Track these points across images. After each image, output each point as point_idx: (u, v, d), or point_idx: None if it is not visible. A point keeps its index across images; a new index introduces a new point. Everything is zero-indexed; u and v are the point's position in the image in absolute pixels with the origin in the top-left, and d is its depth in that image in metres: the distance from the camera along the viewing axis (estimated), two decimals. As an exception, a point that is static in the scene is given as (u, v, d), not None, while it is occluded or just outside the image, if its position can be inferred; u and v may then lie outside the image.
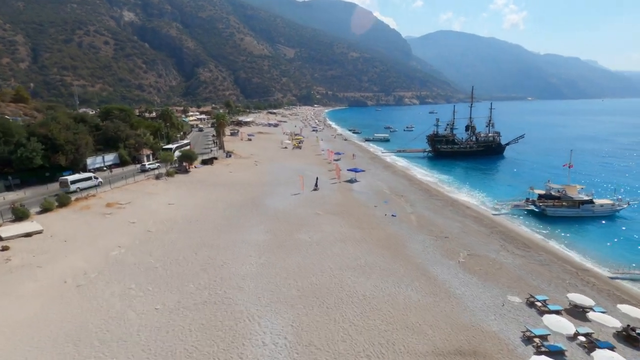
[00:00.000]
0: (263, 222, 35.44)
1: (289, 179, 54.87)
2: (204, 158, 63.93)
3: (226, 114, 77.12)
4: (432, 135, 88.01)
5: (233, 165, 65.00)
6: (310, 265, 26.74)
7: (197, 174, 56.35)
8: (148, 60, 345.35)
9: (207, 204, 40.93)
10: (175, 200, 41.67)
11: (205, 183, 51.04)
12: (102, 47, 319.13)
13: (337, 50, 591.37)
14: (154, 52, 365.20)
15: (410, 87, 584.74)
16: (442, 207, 44.40)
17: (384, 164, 74.98)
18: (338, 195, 47.78)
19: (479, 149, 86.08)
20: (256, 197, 44.71)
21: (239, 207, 40.22)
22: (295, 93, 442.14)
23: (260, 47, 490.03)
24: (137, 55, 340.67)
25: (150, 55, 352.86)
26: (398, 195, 48.99)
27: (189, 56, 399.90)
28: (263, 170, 61.69)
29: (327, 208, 41.38)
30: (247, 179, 54.43)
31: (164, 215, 36.33)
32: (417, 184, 57.86)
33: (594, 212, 41.90)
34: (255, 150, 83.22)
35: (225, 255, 27.75)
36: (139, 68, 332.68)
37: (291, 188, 49.59)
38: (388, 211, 41.30)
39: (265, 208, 40.18)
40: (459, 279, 25.77)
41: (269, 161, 71.01)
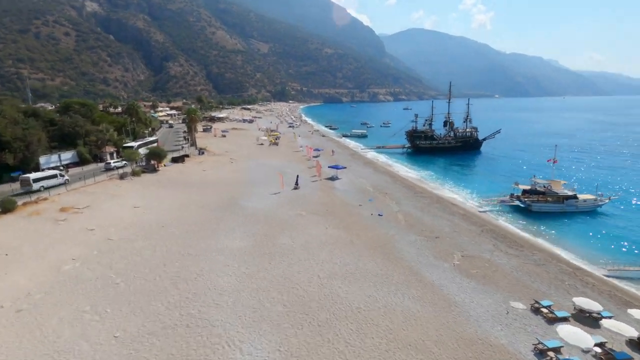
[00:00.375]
0: (241, 226, 32.31)
1: (267, 177, 51.75)
2: (174, 156, 59.51)
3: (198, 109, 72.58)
4: (411, 131, 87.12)
5: (206, 163, 60.97)
6: (296, 274, 24.04)
7: (167, 173, 52.09)
8: (113, 53, 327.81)
9: (178, 206, 37.21)
10: (142, 202, 37.64)
11: (176, 183, 47.04)
12: (62, 38, 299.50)
13: (312, 46, 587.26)
14: (119, 44, 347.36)
15: (384, 84, 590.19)
16: (429, 205, 42.83)
17: (364, 161, 73.13)
18: (320, 193, 45.21)
19: (457, 145, 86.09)
20: (233, 197, 41.35)
21: (214, 209, 36.80)
22: (269, 89, 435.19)
23: (233, 41, 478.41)
24: (101, 47, 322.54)
25: (115, 48, 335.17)
26: (382, 193, 47.06)
27: (158, 50, 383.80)
28: (239, 168, 58.14)
29: (310, 208, 38.73)
30: (223, 178, 50.82)
31: (128, 220, 32.40)
32: (400, 180, 56.27)
33: (577, 208, 41.65)
34: (230, 146, 79.12)
35: (199, 265, 24.51)
36: (104, 61, 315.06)
37: (270, 187, 46.54)
38: (374, 210, 39.21)
39: (243, 209, 36.98)
40: (457, 284, 23.90)
41: (245, 158, 67.38)
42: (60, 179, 42.73)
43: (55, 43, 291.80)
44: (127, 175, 47.18)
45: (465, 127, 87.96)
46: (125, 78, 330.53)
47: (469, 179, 60.82)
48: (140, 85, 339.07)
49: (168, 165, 55.73)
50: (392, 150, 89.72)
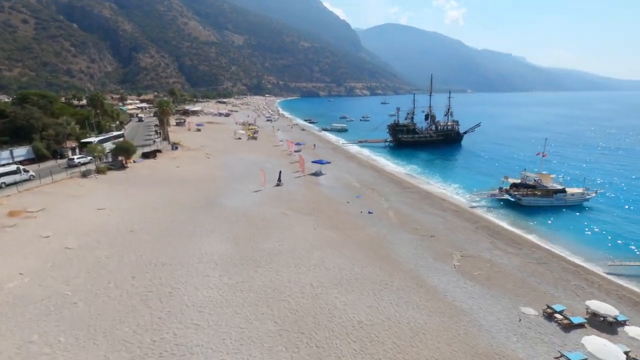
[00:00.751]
0: (221, 228, 29.19)
1: (247, 174, 48.49)
2: (144, 151, 54.95)
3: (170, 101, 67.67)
4: (394, 125, 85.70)
5: (180, 158, 56.82)
6: (287, 283, 21.38)
7: (137, 169, 47.75)
8: (77, 42, 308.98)
9: (149, 207, 33.51)
10: (107, 203, 33.65)
11: (147, 181, 42.97)
12: (20, 25, 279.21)
13: (288, 39, 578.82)
14: (84, 34, 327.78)
15: (360, 79, 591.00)
16: (419, 201, 41.12)
17: (347, 155, 70.93)
18: (305, 190, 42.53)
19: (438, 138, 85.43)
20: (211, 195, 37.95)
21: (190, 209, 33.39)
22: (245, 82, 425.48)
23: (207, 32, 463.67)
24: (64, 36, 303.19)
25: (80, 38, 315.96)
26: (370, 189, 44.97)
27: (126, 40, 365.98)
28: (216, 164, 54.42)
29: (295, 206, 36.01)
30: (199, 175, 47.11)
31: (90, 224, 28.54)
32: (386, 175, 54.43)
33: (566, 202, 41.15)
34: (205, 141, 74.76)
35: (174, 276, 21.37)
36: (67, 51, 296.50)
37: (251, 184, 43.40)
38: (363, 207, 37.01)
39: (222, 209, 33.76)
40: (461, 289, 22.04)
41: (223, 153, 63.53)
42: (24, 174, 38.25)
43: (12, 31, 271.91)
44: (91, 173, 42.62)
45: (447, 120, 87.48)
46: (92, 69, 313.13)
47: (454, 173, 59.88)
48: (108, 77, 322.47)
49: (138, 161, 51.31)
50: (374, 144, 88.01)
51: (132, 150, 48.19)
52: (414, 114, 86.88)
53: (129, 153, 47.71)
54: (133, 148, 48.52)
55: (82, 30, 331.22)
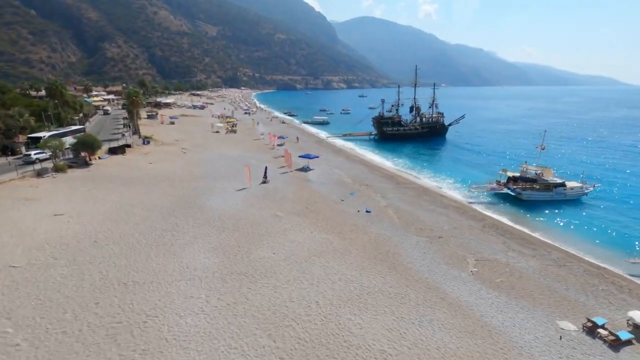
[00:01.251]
0: (205, 234, 25.25)
1: (229, 170, 44.27)
2: (112, 146, 49.42)
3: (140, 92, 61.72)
4: (378, 118, 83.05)
5: (153, 154, 51.67)
6: (288, 302, 17.96)
7: (103, 167, 42.46)
8: (36, 30, 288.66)
9: (118, 211, 28.96)
10: (67, 208, 28.81)
11: (115, 180, 37.98)
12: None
13: (263, 31, 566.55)
14: (44, 21, 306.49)
15: (337, 72, 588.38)
16: (417, 197, 38.50)
17: (333, 149, 67.61)
18: (294, 188, 38.94)
19: (424, 130, 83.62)
20: (190, 196, 33.69)
21: (167, 212, 29.13)
22: (220, 74, 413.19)
23: (178, 22, 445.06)
24: (21, 24, 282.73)
25: (39, 25, 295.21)
26: (363, 185, 41.95)
27: (91, 29, 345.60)
28: (194, 160, 49.73)
29: (287, 206, 32.44)
30: (175, 172, 42.45)
31: (44, 235, 23.88)
32: (377, 170, 51.59)
33: (565, 196, 39.74)
34: (180, 135, 69.37)
35: (149, 300, 17.46)
36: (25, 39, 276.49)
37: (234, 181, 39.34)
38: (359, 206, 33.95)
39: (204, 212, 29.70)
40: (486, 300, 19.37)
41: (200, 148, 58.68)
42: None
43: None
44: (48, 171, 37.17)
45: (432, 112, 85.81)
46: (53, 59, 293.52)
47: (444, 166, 57.88)
48: (72, 68, 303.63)
49: (104, 157, 45.89)
50: (358, 137, 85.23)
51: (96, 145, 42.75)
52: (399, 106, 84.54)
53: (93, 148, 42.28)
54: (98, 142, 43.05)
55: (41, 17, 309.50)
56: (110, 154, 47.67)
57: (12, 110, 46.80)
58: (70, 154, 43.34)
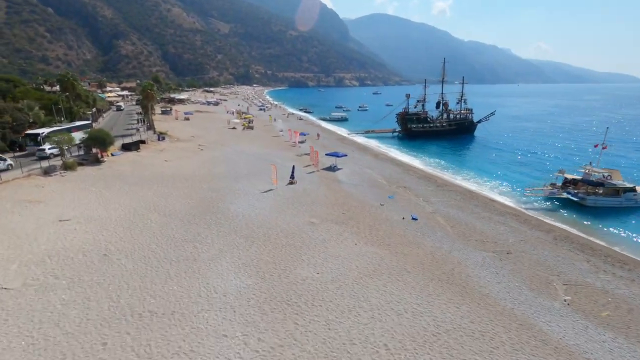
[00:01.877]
0: (233, 247, 21.35)
1: (251, 169, 40.41)
2: (125, 142, 46.08)
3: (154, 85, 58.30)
4: (403, 114, 78.23)
5: (169, 151, 48.21)
6: (348, 344, 13.82)
7: (115, 165, 39.05)
8: (53, 28, 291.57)
9: (132, 217, 25.28)
10: (74, 212, 25.26)
11: (128, 179, 34.47)
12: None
13: (275, 28, 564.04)
14: (60, 19, 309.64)
15: (349, 69, 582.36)
16: (464, 202, 33.96)
17: (357, 146, 63.27)
18: (325, 190, 34.84)
19: (451, 128, 78.51)
20: (212, 199, 29.88)
21: (188, 219, 25.34)
22: (232, 72, 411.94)
23: (191, 20, 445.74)
24: (39, 21, 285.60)
25: (55, 23, 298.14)
26: (400, 187, 37.61)
27: (106, 26, 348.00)
28: (213, 158, 46.02)
29: (321, 212, 28.35)
30: (193, 171, 38.76)
31: (46, 245, 20.29)
32: (411, 170, 47.07)
33: (637, 202, 34.65)
34: (196, 131, 65.94)
35: (170, 339, 13.55)
36: (42, 37, 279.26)
37: (258, 182, 35.46)
38: (402, 211, 29.69)
39: (229, 218, 25.82)
40: (602, 345, 14.90)
41: (217, 145, 55.04)
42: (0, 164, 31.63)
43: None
44: (56, 169, 33.85)
45: (460, 108, 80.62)
46: (69, 57, 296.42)
47: (483, 167, 52.81)
48: (88, 65, 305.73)
49: (117, 154, 42.54)
50: (381, 134, 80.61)
51: (108, 141, 39.31)
52: (425, 101, 79.53)
53: (104, 144, 38.87)
54: (110, 138, 39.59)
55: (58, 15, 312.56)
56: (124, 150, 44.35)
57: (21, 103, 43.81)
58: (80, 151, 40.01)
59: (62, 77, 49.35)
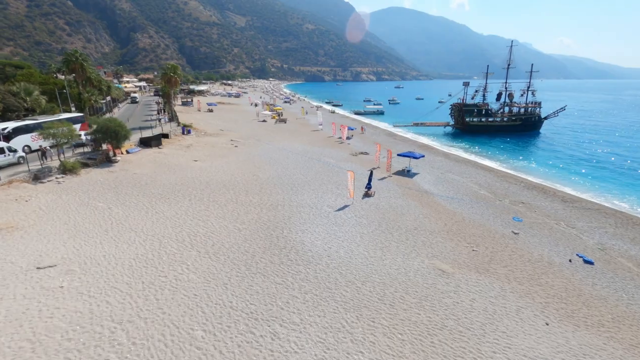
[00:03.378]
0: (341, 335, 11.62)
1: (308, 174, 30.62)
2: (144, 136, 36.87)
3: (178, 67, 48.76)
4: (460, 105, 67.12)
5: (197, 147, 38.86)
6: None
7: (132, 165, 29.85)
8: (72, 21, 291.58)
9: (157, 258, 15.77)
10: (66, 249, 15.93)
11: (150, 188, 25.10)
12: (11, 2, 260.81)
13: (292, 21, 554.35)
14: (79, 12, 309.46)
15: (366, 63, 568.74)
16: (629, 230, 23.37)
17: (415, 144, 52.88)
18: (418, 205, 24.77)
19: (515, 123, 67.02)
20: (271, 222, 20.21)
21: (245, 262, 15.71)
22: (248, 65, 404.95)
23: (208, 13, 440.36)
24: (58, 14, 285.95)
25: (74, 16, 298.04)
26: (515, 202, 27.25)
27: (124, 19, 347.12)
28: (253, 157, 36.39)
29: (441, 247, 18.34)
30: (233, 176, 29.18)
31: (12, 319, 10.91)
32: (507, 177, 36.35)
33: None
34: (224, 124, 56.62)
35: None
36: (62, 30, 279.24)
37: (324, 193, 25.66)
38: (552, 245, 19.53)
39: (309, 259, 16.09)
40: None
41: (252, 140, 45.47)
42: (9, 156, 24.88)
43: (3, 8, 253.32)
44: (52, 172, 24.71)
45: (526, 101, 69.09)
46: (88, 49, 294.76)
47: (594, 173, 40.93)
48: (106, 58, 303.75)
49: (133, 151, 33.40)
50: (431, 128, 69.83)
51: (123, 134, 29.93)
52: (487, 91, 68.23)
53: (118, 139, 29.55)
54: (125, 130, 30.10)
55: (77, 8, 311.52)
56: (142, 146, 35.19)
57: (16, 86, 35.06)
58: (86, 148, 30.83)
59: (68, 56, 40.54)
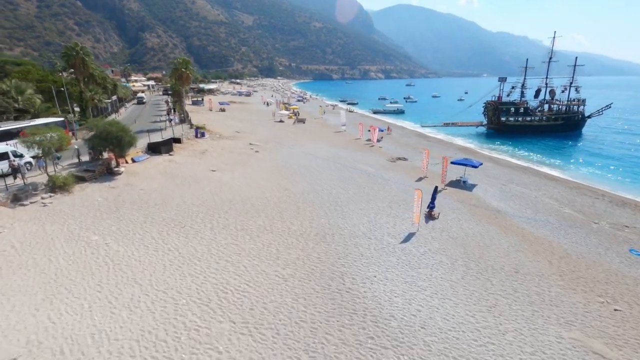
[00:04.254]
0: None
1: (349, 186, 25.20)
2: (152, 141, 31.78)
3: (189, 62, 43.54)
4: (495, 103, 61.11)
5: (213, 153, 33.73)
6: None
7: (138, 179, 24.77)
8: (82, 21, 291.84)
9: (171, 329, 10.63)
10: (37, 320, 10.86)
11: (160, 211, 19.94)
12: (21, 3, 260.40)
13: (299, 20, 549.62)
14: (88, 12, 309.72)
15: (374, 61, 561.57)
16: None
17: (450, 146, 47.16)
18: (499, 231, 19.26)
19: (556, 123, 60.78)
20: (324, 264, 14.93)
21: (300, 339, 10.49)
22: (256, 64, 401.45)
23: (215, 12, 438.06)
24: (68, 15, 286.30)
25: (84, 16, 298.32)
26: (612, 224, 21.55)
27: (132, 19, 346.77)
28: (278, 165, 31.06)
29: (575, 310, 12.90)
30: (261, 190, 23.88)
31: None
32: (583, 189, 30.28)
33: None
34: (239, 124, 51.51)
35: None
36: (71, 30, 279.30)
37: (377, 214, 20.28)
38: None
39: (396, 338, 10.82)
40: None
41: (274, 144, 40.19)
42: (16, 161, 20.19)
43: (14, 8, 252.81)
44: (37, 190, 19.75)
45: (568, 98, 62.81)
46: (97, 50, 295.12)
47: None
48: (114, 58, 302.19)
49: (140, 159, 28.38)
50: (461, 129, 63.95)
51: (127, 140, 24.77)
52: (525, 87, 62.03)
53: (120, 146, 24.41)
54: (129, 136, 24.87)
55: (86, 8, 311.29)
56: (150, 152, 30.18)
57: (6, 84, 30.31)
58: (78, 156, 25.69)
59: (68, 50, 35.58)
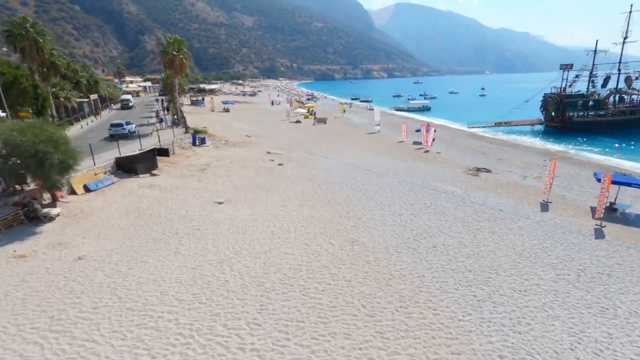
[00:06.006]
0: None
1: (453, 228, 14.44)
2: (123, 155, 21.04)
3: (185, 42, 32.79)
4: (560, 96, 49.95)
5: (216, 169, 22.99)
6: None
7: (80, 227, 14.14)
8: (80, 25, 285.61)
9: None
10: None
11: (94, 334, 9.37)
12: (18, 7, 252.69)
13: (300, 20, 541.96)
14: (86, 16, 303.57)
15: (376, 60, 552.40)
16: None
17: (527, 150, 36.32)
18: None
19: (633, 117, 49.67)
20: None
21: None
22: (257, 65, 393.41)
23: (215, 14, 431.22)
24: (66, 19, 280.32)
25: (82, 20, 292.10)
26: None
27: (132, 22, 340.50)
28: (320, 189, 20.07)
29: None
30: (307, 250, 13.21)
31: None
32: None
33: None
34: (248, 127, 40.84)
35: None
36: (69, 35, 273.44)
37: (524, 289, 9.67)
38: None
39: None
40: None
41: (299, 152, 29.38)
42: None
43: (11, 14, 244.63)
44: None
45: None
46: (96, 54, 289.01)
47: None
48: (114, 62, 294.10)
49: (101, 185, 17.73)
50: (516, 128, 53.01)
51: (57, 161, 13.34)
52: (595, 76, 51.06)
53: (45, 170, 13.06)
54: (64, 151, 13.14)
55: (84, 12, 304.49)
56: (121, 173, 19.49)
57: None
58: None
59: (13, 27, 25.01)
